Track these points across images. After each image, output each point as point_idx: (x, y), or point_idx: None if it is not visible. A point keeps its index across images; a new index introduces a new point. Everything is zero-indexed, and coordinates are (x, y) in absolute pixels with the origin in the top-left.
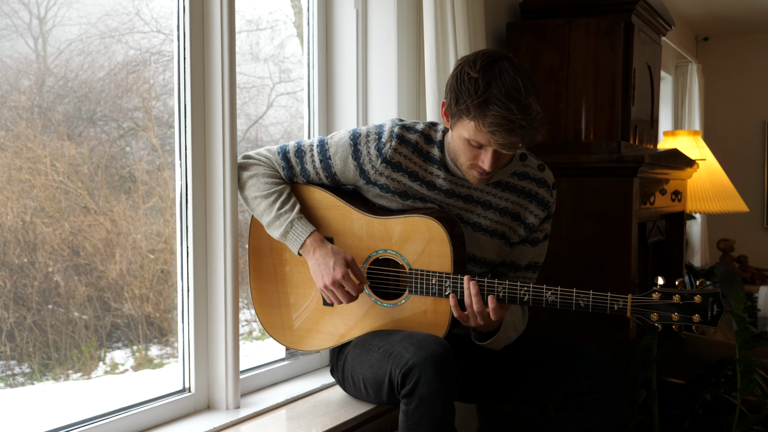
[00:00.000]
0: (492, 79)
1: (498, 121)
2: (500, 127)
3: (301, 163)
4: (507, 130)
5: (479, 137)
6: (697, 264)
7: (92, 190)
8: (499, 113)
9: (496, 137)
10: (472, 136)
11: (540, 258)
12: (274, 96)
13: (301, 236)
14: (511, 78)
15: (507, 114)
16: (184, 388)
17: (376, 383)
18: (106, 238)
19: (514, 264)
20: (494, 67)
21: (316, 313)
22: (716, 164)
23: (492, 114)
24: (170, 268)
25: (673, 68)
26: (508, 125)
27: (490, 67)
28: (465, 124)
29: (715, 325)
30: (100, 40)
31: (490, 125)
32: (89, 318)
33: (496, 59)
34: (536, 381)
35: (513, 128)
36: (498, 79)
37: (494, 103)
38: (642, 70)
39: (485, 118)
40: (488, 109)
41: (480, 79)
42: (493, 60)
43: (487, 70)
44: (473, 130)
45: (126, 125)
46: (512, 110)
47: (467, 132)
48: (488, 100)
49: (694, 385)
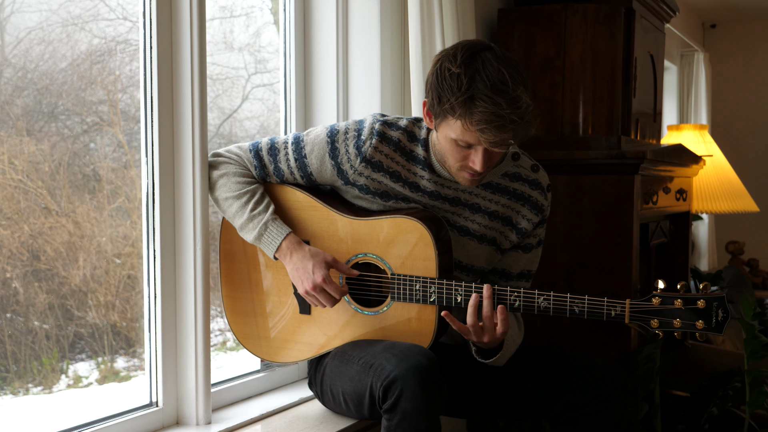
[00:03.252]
0: (475, 72)
1: (486, 118)
2: (489, 124)
3: (275, 162)
4: (497, 127)
5: (467, 137)
6: (703, 268)
7: (53, 189)
8: (486, 109)
9: (486, 135)
10: (460, 136)
11: (533, 265)
12: (250, 88)
13: (277, 239)
14: (495, 70)
15: (495, 109)
16: (152, 402)
17: (356, 397)
18: (68, 241)
19: (505, 272)
20: (476, 59)
21: (293, 322)
22: (724, 160)
23: (479, 111)
24: (137, 273)
25: (678, 57)
26: (497, 121)
27: (472, 59)
28: (451, 124)
29: (721, 331)
30: (62, 28)
31: (478, 123)
32: (50, 327)
33: (478, 51)
34: (530, 393)
35: (503, 124)
36: (482, 73)
37: (480, 99)
38: (644, 60)
39: (472, 116)
40: (474, 106)
41: (462, 74)
42: (474, 52)
43: (469, 64)
44: (460, 130)
45: (90, 120)
46: (500, 105)
47: (454, 132)
48: (473, 97)
49: (700, 397)
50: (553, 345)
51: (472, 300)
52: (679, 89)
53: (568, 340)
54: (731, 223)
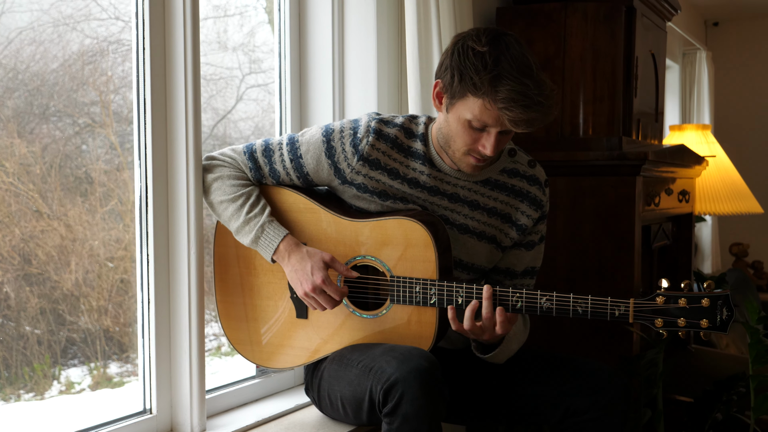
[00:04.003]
0: (500, 53)
1: (513, 96)
2: (516, 102)
3: (270, 163)
4: (523, 106)
5: (486, 116)
6: (707, 271)
7: (45, 192)
8: (513, 88)
9: (513, 113)
10: (478, 115)
11: (537, 262)
12: (244, 88)
13: (274, 241)
14: (519, 53)
15: (522, 89)
16: (145, 409)
17: (355, 401)
18: (60, 244)
19: (510, 270)
20: (500, 41)
21: (288, 326)
22: (728, 161)
23: (506, 89)
24: (131, 277)
25: (680, 56)
26: (524, 101)
27: (497, 41)
28: (469, 103)
29: (725, 330)
30: (53, 28)
31: (504, 101)
32: (42, 333)
33: (500, 34)
34: (531, 399)
35: (530, 104)
36: (507, 54)
37: (507, 78)
38: (645, 59)
39: (497, 93)
40: (501, 83)
41: (487, 53)
42: (497, 35)
43: (495, 44)
44: (480, 109)
45: (82, 121)
46: (527, 85)
47: (471, 112)
48: (500, 75)
49: (704, 403)
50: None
51: (470, 306)
52: (682, 88)
53: (569, 344)
54: (735, 224)
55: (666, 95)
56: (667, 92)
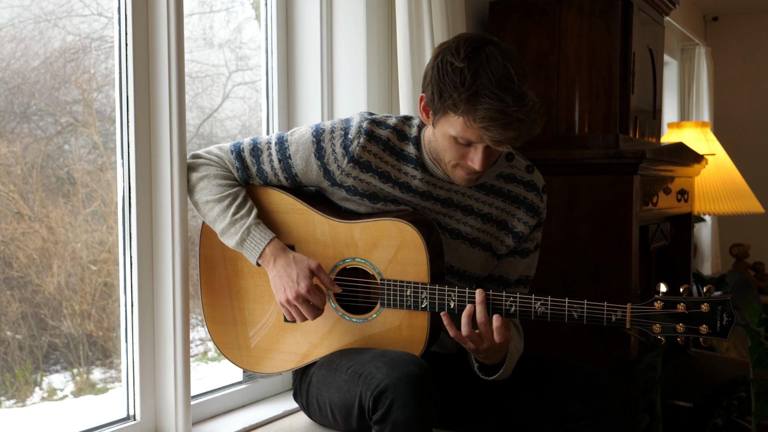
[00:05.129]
0: (479, 67)
1: (492, 115)
2: (494, 121)
3: (258, 163)
4: (502, 125)
5: (469, 134)
6: (706, 272)
7: (26, 193)
8: (492, 106)
9: (491, 133)
10: (461, 133)
11: (531, 271)
12: (231, 86)
13: (260, 244)
14: (500, 65)
15: (501, 106)
16: (129, 415)
17: (344, 408)
18: (41, 247)
19: (503, 278)
20: (480, 53)
21: (276, 330)
22: (727, 159)
23: (484, 108)
24: (114, 281)
25: (679, 52)
26: (503, 119)
27: (476, 53)
28: (452, 120)
29: (726, 336)
30: (34, 25)
31: (482, 120)
32: (23, 338)
33: (481, 44)
34: (525, 405)
35: (509, 122)
36: (486, 68)
37: (485, 96)
38: (643, 55)
39: (476, 112)
40: (479, 102)
41: (466, 68)
42: (477, 45)
43: (473, 58)
44: (462, 127)
45: (64, 120)
46: (506, 102)
47: (454, 129)
48: (478, 93)
49: (704, 408)
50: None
51: (466, 311)
52: (680, 85)
53: (565, 348)
54: (735, 224)
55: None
56: (666, 89)
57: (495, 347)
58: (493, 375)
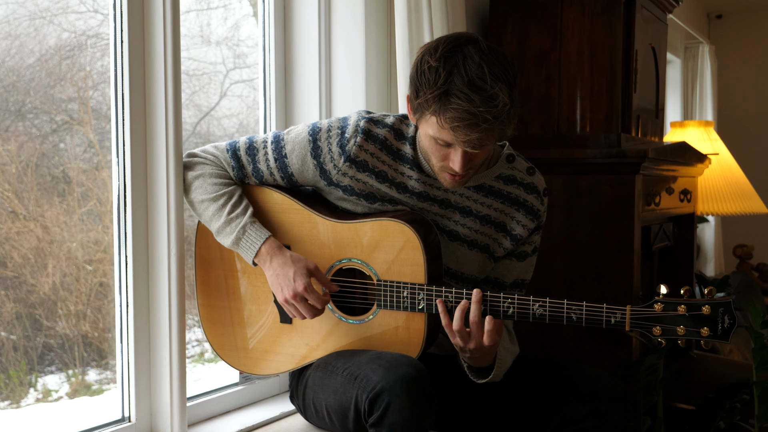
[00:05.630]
0: (453, 67)
1: (459, 115)
2: (462, 121)
3: (254, 162)
4: (468, 125)
5: (443, 134)
6: (709, 273)
7: (21, 192)
8: (460, 106)
9: (458, 134)
10: (436, 133)
11: (527, 275)
12: (228, 84)
13: (256, 243)
14: (475, 65)
15: (468, 106)
16: (124, 417)
17: (340, 410)
18: (36, 246)
19: (498, 281)
20: (457, 53)
21: (273, 331)
22: (731, 159)
23: (452, 108)
24: (110, 281)
25: (682, 50)
26: (469, 119)
27: (453, 53)
28: (428, 120)
29: (727, 339)
30: (29, 22)
31: (451, 120)
32: (18, 338)
33: (461, 44)
34: (524, 407)
35: (476, 122)
36: (461, 67)
37: (455, 95)
38: (645, 53)
39: (445, 112)
40: (449, 102)
41: (440, 67)
42: (457, 45)
43: (449, 58)
44: (436, 127)
45: (59, 118)
46: (474, 102)
47: (431, 129)
48: (449, 92)
49: (706, 411)
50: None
51: (461, 305)
52: (683, 84)
53: (566, 350)
54: (739, 225)
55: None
56: (668, 87)
57: (482, 349)
58: (484, 378)
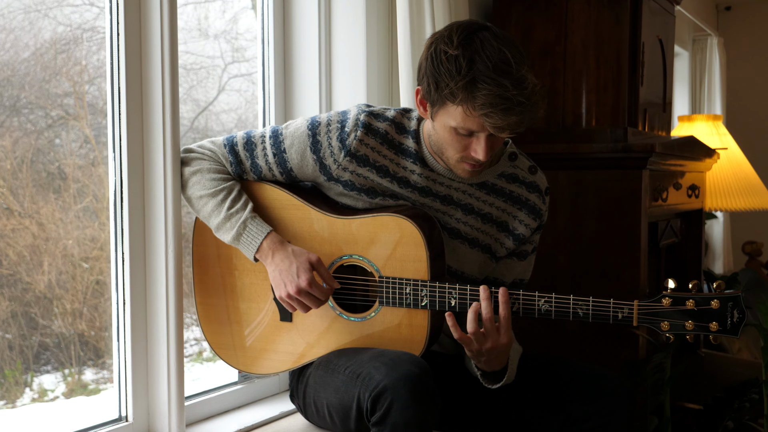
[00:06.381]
0: (474, 54)
1: (492, 101)
2: (495, 107)
3: (252, 157)
4: (503, 110)
5: (470, 123)
6: (718, 271)
7: (16, 188)
8: (491, 92)
9: (493, 119)
10: (461, 123)
11: (527, 274)
12: (227, 78)
13: (257, 238)
14: (496, 50)
15: (500, 91)
16: (121, 416)
17: (342, 409)
18: (32, 244)
19: (498, 281)
20: (474, 39)
21: (272, 330)
22: (740, 154)
23: (482, 94)
24: (107, 278)
25: (690, 42)
26: (503, 104)
27: (470, 40)
28: (451, 111)
29: (737, 334)
30: (24, 15)
31: (482, 107)
32: (13, 337)
33: (474, 30)
34: (528, 406)
35: (510, 106)
36: (482, 53)
37: (483, 81)
38: (652, 45)
39: (475, 100)
40: (477, 89)
41: (461, 56)
42: (471, 32)
43: (467, 45)
44: (462, 116)
45: (55, 113)
46: (506, 86)
47: (455, 120)
48: (475, 79)
49: (714, 410)
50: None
51: (473, 307)
52: (691, 77)
53: (571, 348)
54: (748, 221)
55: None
56: (676, 81)
57: (498, 348)
58: (498, 383)
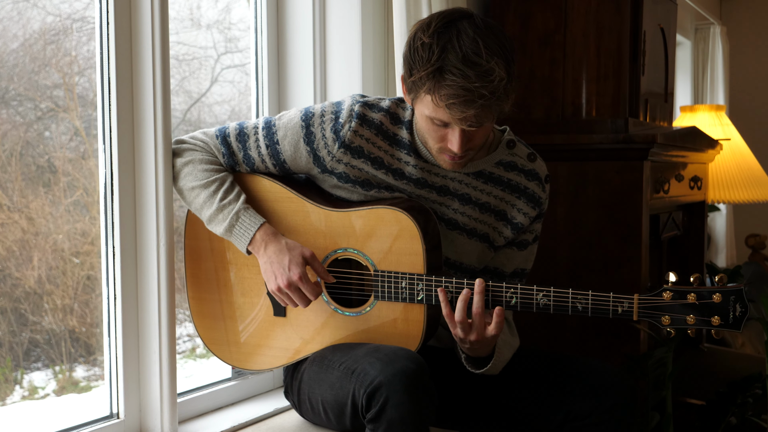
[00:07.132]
0: (447, 43)
1: (455, 92)
2: (457, 98)
3: (244, 149)
4: (464, 102)
5: (439, 113)
6: (721, 264)
7: (4, 182)
8: (454, 82)
9: (453, 111)
10: (432, 112)
11: (528, 264)
12: (219, 69)
13: (250, 230)
14: (470, 39)
15: (463, 82)
16: (112, 413)
17: (337, 406)
18: (21, 239)
19: (498, 270)
20: (451, 29)
21: (266, 325)
22: (743, 145)
23: (446, 84)
24: (98, 273)
25: (692, 31)
26: (465, 95)
27: (446, 29)
28: (423, 99)
29: (739, 328)
30: (12, 5)
31: (446, 98)
32: (3, 334)
33: (455, 19)
34: (528, 402)
35: (472, 98)
36: (454, 42)
37: (449, 71)
38: (654, 34)
39: (440, 89)
40: (443, 79)
41: (434, 44)
42: (450, 21)
43: (442, 34)
44: (432, 106)
45: (44, 105)
46: (470, 77)
47: (427, 109)
48: (443, 68)
49: (717, 406)
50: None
51: (463, 294)
52: (693, 66)
53: (571, 342)
54: (751, 214)
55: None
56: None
57: (483, 340)
58: (481, 369)
